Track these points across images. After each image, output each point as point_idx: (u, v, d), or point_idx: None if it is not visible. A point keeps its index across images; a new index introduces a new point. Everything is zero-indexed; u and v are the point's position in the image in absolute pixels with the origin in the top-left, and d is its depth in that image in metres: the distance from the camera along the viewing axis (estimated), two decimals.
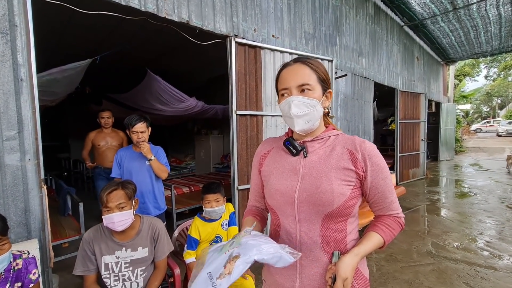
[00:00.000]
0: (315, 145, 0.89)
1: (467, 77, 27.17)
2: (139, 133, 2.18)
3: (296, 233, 0.86)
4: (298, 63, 0.86)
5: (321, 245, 0.84)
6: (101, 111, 3.35)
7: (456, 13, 6.13)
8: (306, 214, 0.84)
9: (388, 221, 0.86)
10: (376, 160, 0.85)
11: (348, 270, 0.75)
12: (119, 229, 1.46)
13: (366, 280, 0.89)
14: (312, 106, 0.83)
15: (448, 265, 2.73)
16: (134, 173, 2.22)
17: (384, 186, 0.85)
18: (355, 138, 0.89)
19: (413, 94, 7.04)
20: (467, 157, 11.69)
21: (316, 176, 0.84)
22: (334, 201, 0.80)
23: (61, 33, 3.66)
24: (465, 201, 5.13)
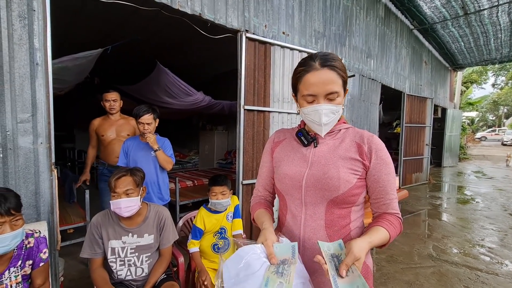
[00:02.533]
0: (326, 137, 0.92)
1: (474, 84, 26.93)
2: (145, 125, 2.18)
3: (302, 216, 0.90)
4: (326, 68, 0.82)
5: (325, 229, 0.87)
6: (105, 92, 2.65)
7: (467, 18, 6.09)
8: (312, 198, 0.88)
9: (391, 219, 0.85)
10: (381, 154, 0.87)
11: (362, 252, 0.73)
12: (126, 215, 1.49)
13: (368, 268, 0.90)
14: (337, 112, 0.86)
15: (449, 269, 2.73)
16: (139, 163, 2.21)
17: (387, 181, 0.86)
18: (364, 132, 0.91)
19: (420, 98, 7.01)
20: (471, 164, 11.62)
21: (324, 164, 0.87)
22: (340, 187, 0.84)
23: (73, 22, 3.69)
24: (468, 207, 5.10)
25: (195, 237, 1.87)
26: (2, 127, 1.49)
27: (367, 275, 0.88)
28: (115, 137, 2.72)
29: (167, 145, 2.35)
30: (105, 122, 2.71)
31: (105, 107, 2.68)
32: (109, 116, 2.72)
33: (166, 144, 2.36)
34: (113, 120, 2.73)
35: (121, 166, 2.27)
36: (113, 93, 2.67)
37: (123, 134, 2.77)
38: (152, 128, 2.23)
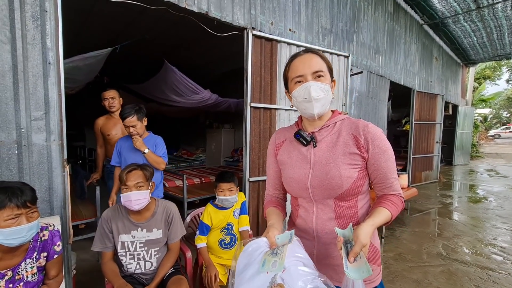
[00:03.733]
0: (323, 133, 0.96)
1: (487, 80, 26.20)
2: (130, 127, 2.08)
3: (313, 210, 0.97)
4: (309, 53, 0.93)
5: (335, 220, 0.94)
6: (103, 91, 2.61)
7: (480, 12, 5.92)
8: (320, 196, 0.94)
9: (392, 198, 0.90)
10: (378, 143, 0.90)
11: (367, 238, 0.78)
12: (136, 207, 1.52)
13: (376, 249, 0.96)
14: (326, 90, 0.91)
15: (458, 268, 2.68)
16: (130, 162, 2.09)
17: (386, 168, 0.91)
18: (359, 122, 0.94)
19: (430, 95, 6.87)
20: (483, 162, 11.34)
21: (325, 163, 0.92)
22: (343, 184, 0.90)
23: (83, 22, 3.76)
24: (479, 206, 5.00)
25: (202, 233, 1.90)
26: (17, 125, 1.54)
27: (375, 255, 0.95)
28: (120, 135, 2.66)
29: (159, 145, 2.24)
30: (109, 121, 2.68)
31: (105, 106, 2.65)
32: (112, 115, 2.69)
33: (159, 144, 2.25)
34: (116, 118, 2.67)
35: (114, 165, 2.26)
36: (111, 91, 2.62)
37: None
38: (139, 128, 2.12)
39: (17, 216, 1.10)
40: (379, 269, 0.97)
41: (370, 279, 0.94)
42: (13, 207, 1.10)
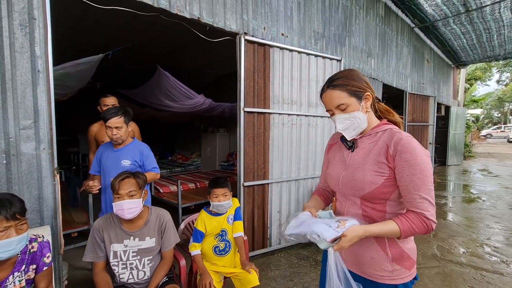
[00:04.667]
0: (364, 141, 1.06)
1: (478, 81, 26.63)
2: (114, 129, 1.90)
3: (346, 204, 1.10)
4: (328, 89, 1.04)
5: (362, 217, 1.03)
6: (103, 97, 2.56)
7: (469, 15, 6.04)
8: (348, 194, 1.07)
9: (409, 215, 0.93)
10: (406, 156, 0.93)
11: (349, 233, 0.89)
12: (128, 216, 1.50)
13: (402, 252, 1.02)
14: (353, 117, 1.01)
15: (453, 269, 2.70)
16: (107, 173, 1.95)
17: (410, 182, 0.93)
18: (396, 134, 0.99)
19: (422, 96, 6.97)
20: (476, 162, 11.49)
21: (355, 167, 1.03)
22: (364, 187, 0.99)
23: (75, 28, 3.74)
24: (473, 206, 5.05)
25: (196, 240, 1.89)
26: (5, 134, 1.52)
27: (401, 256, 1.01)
28: None
29: (149, 157, 2.07)
30: (104, 128, 2.54)
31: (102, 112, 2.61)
32: None
33: (148, 156, 2.07)
34: None
35: (93, 174, 2.10)
36: (111, 97, 2.58)
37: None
38: (124, 132, 1.96)
39: (6, 229, 1.08)
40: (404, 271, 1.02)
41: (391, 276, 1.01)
42: (2, 220, 1.08)
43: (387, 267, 1.01)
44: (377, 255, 1.02)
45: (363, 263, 1.05)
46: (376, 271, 1.03)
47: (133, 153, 2.03)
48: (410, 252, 1.03)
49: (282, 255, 2.98)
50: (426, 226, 0.92)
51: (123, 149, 2.03)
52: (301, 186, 3.27)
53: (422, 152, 0.94)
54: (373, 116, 1.08)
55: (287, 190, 3.13)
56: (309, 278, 2.51)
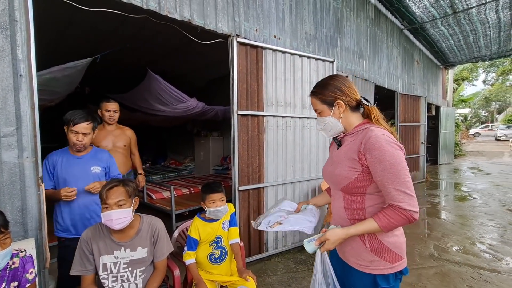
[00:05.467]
0: (348, 139, 1.15)
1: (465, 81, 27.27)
2: (80, 135, 1.78)
3: (334, 198, 1.23)
4: (310, 95, 1.22)
5: (344, 209, 1.14)
6: (105, 101, 2.61)
7: (456, 17, 6.16)
8: (333, 187, 1.21)
9: (387, 210, 1.00)
10: (374, 154, 0.99)
11: (332, 236, 1.05)
12: (117, 227, 1.43)
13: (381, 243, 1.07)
14: (325, 122, 1.17)
15: (451, 268, 2.69)
16: (73, 182, 1.79)
17: (382, 177, 0.99)
18: (367, 133, 1.05)
19: (413, 97, 7.06)
20: (466, 160, 11.70)
21: (337, 163, 1.14)
22: (341, 182, 1.11)
23: (62, 32, 3.64)
24: (466, 204, 5.10)
25: (191, 248, 1.82)
26: None
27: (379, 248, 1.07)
28: (111, 147, 2.68)
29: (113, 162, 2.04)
30: (101, 132, 2.62)
31: (104, 116, 2.64)
32: (105, 125, 2.68)
33: (112, 161, 2.04)
34: (109, 130, 2.69)
35: None
36: (114, 103, 2.65)
37: (119, 145, 2.75)
38: (88, 140, 1.85)
39: None
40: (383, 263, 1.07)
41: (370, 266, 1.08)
42: None
43: (366, 257, 1.08)
44: (356, 245, 1.10)
45: (346, 251, 1.15)
46: (357, 260, 1.11)
47: (99, 159, 1.95)
48: (391, 245, 1.07)
49: (279, 260, 2.93)
50: (405, 217, 0.96)
51: (88, 156, 1.92)
52: (297, 189, 3.23)
53: (390, 148, 0.98)
54: (354, 117, 1.15)
55: (283, 193, 3.09)
56: (307, 282, 2.46)
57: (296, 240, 3.23)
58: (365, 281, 1.10)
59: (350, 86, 1.15)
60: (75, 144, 1.80)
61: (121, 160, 2.76)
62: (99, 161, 1.96)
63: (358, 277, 1.11)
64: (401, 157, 0.99)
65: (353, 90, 1.15)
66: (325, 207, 3.49)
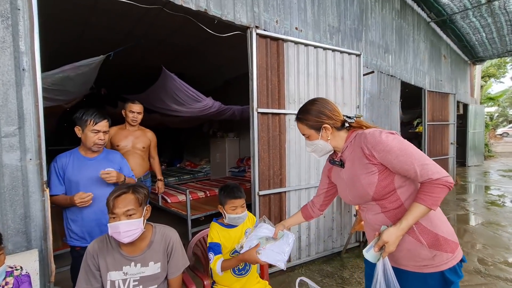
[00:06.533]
0: (346, 154, 1.19)
1: (492, 78, 25.77)
2: (102, 133, 1.70)
3: (366, 211, 1.19)
4: (296, 121, 1.26)
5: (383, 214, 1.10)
6: (130, 102, 2.62)
7: (490, 6, 5.67)
8: (362, 202, 1.18)
9: (424, 189, 0.98)
10: (379, 148, 1.03)
11: (390, 237, 0.99)
12: (126, 240, 1.24)
13: (436, 236, 1.03)
14: (314, 144, 1.23)
15: (503, 286, 2.34)
16: (90, 185, 1.67)
17: (400, 164, 1.00)
18: (361, 136, 1.10)
19: (441, 94, 6.57)
20: (497, 162, 10.91)
21: (351, 178, 1.15)
22: (368, 191, 1.08)
23: (78, 34, 3.58)
24: (505, 210, 4.62)
25: (218, 253, 1.59)
26: None
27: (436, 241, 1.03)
28: (130, 148, 2.61)
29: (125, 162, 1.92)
30: (122, 132, 2.62)
31: (127, 117, 2.62)
32: (127, 126, 2.66)
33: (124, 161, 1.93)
34: (130, 130, 2.66)
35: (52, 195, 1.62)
36: (139, 104, 2.64)
37: (139, 146, 2.68)
38: (107, 139, 1.79)
39: None
40: (445, 255, 1.02)
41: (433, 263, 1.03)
42: None
43: (426, 255, 1.03)
44: (412, 246, 1.05)
45: (401, 257, 1.08)
46: (416, 262, 1.04)
47: (111, 160, 1.82)
48: (445, 234, 1.04)
49: (303, 272, 2.68)
50: (442, 185, 0.95)
51: (100, 157, 1.80)
52: None
53: (387, 137, 1.03)
54: (341, 135, 1.19)
55: (306, 199, 2.83)
56: None
57: (321, 250, 2.96)
58: (431, 282, 1.03)
59: (333, 109, 1.19)
60: (96, 144, 1.70)
61: (138, 162, 2.67)
62: (111, 163, 1.83)
63: (421, 281, 1.04)
64: (400, 138, 1.04)
65: (336, 112, 1.19)
66: (352, 214, 3.20)
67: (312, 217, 1.49)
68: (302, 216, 1.49)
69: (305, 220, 1.50)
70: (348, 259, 2.92)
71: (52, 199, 1.63)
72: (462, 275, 1.06)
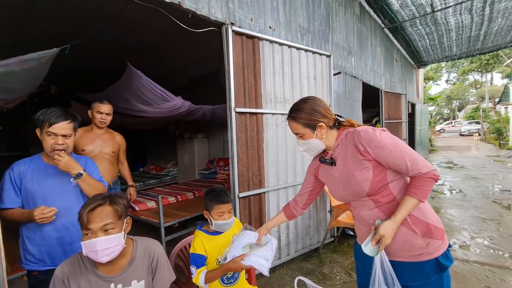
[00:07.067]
0: (337, 152, 1.20)
1: (431, 81, 29.00)
2: (60, 137, 1.42)
3: (359, 207, 1.21)
4: (289, 119, 1.24)
5: (377, 208, 1.14)
6: (98, 102, 2.38)
7: (434, 15, 6.34)
8: (355, 199, 1.20)
9: (414, 183, 1.05)
10: (373, 144, 1.07)
11: (386, 231, 1.05)
12: (104, 259, 1.08)
13: (428, 225, 1.10)
14: (308, 143, 1.22)
15: (462, 267, 2.60)
16: (51, 197, 1.43)
17: (393, 159, 1.05)
18: (354, 133, 1.13)
19: (395, 94, 7.18)
20: (439, 155, 12.28)
21: (345, 176, 1.17)
22: (363, 187, 1.11)
23: (21, 23, 3.11)
24: (452, 197, 5.20)
25: (201, 265, 1.48)
26: None
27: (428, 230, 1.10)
28: (97, 153, 2.38)
29: (90, 166, 1.64)
30: (87, 135, 2.38)
31: (94, 118, 2.39)
32: (93, 128, 2.44)
33: (90, 164, 1.64)
34: (97, 133, 2.44)
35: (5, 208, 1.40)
36: (107, 105, 2.43)
37: (107, 151, 2.44)
38: (70, 143, 1.48)
39: None
40: (437, 242, 1.09)
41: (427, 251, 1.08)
42: None
43: (421, 244, 1.08)
44: (407, 237, 1.09)
45: (397, 248, 1.12)
46: (412, 252, 1.10)
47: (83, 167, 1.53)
48: (435, 222, 1.12)
49: (284, 271, 2.67)
50: (430, 178, 1.03)
51: None
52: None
53: (380, 134, 1.07)
54: (333, 133, 1.21)
55: (284, 198, 2.83)
56: None
57: (300, 248, 2.99)
58: (428, 269, 1.08)
59: (326, 107, 1.20)
60: (54, 149, 1.42)
61: (107, 167, 2.43)
62: None
63: (418, 269, 1.10)
64: (391, 135, 1.09)
65: (329, 110, 1.20)
66: (327, 211, 3.29)
67: (295, 216, 1.49)
68: (284, 216, 1.49)
69: (288, 219, 1.50)
70: (325, 254, 3.00)
71: (5, 213, 1.37)
72: (453, 259, 1.13)
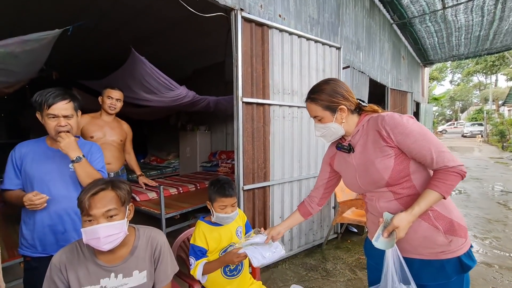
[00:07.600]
0: (356, 138, 1.13)
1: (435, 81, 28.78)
2: (61, 118, 1.33)
3: (375, 199, 1.13)
4: (307, 101, 1.17)
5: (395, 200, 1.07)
6: (109, 88, 2.38)
7: (444, 12, 6.20)
8: (372, 189, 1.12)
9: (438, 175, 0.97)
10: (398, 130, 0.99)
11: (401, 222, 0.97)
12: (107, 247, 1.02)
13: (451, 221, 1.02)
14: (327, 127, 1.14)
15: None
16: (47, 182, 1.37)
17: (418, 148, 0.98)
18: (377, 118, 1.06)
19: (401, 92, 7.07)
20: None
21: (363, 163, 1.10)
22: (383, 175, 1.04)
23: (20, 5, 3.02)
24: (456, 198, 5.14)
25: (200, 257, 1.43)
26: None
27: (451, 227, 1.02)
28: (106, 140, 2.36)
29: (95, 152, 1.52)
30: (96, 121, 2.38)
31: (104, 103, 2.39)
32: (102, 115, 2.44)
33: (95, 150, 1.53)
34: (105, 120, 2.43)
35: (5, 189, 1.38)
36: (118, 91, 2.45)
37: (114, 139, 2.42)
38: (74, 124, 1.39)
39: None
40: (460, 240, 1.02)
41: (450, 249, 1.00)
42: None
43: (442, 241, 1.01)
44: (428, 233, 1.02)
45: (417, 245, 1.05)
46: (433, 249, 1.02)
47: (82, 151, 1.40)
48: (458, 219, 1.04)
49: (287, 267, 2.62)
50: (456, 173, 0.95)
51: None
52: (304, 186, 2.92)
53: (407, 120, 1.01)
54: (353, 119, 1.14)
55: (289, 193, 2.77)
56: None
57: (303, 243, 2.93)
58: (449, 268, 1.01)
59: (348, 90, 1.13)
60: (57, 131, 1.33)
61: (116, 155, 2.43)
62: None
63: (439, 268, 1.02)
64: (419, 123, 1.01)
65: (351, 93, 1.14)
66: (331, 207, 3.23)
67: (310, 213, 1.40)
68: (299, 214, 1.40)
69: (304, 218, 1.41)
70: (328, 251, 2.94)
71: (6, 195, 1.30)
72: (476, 260, 1.06)
